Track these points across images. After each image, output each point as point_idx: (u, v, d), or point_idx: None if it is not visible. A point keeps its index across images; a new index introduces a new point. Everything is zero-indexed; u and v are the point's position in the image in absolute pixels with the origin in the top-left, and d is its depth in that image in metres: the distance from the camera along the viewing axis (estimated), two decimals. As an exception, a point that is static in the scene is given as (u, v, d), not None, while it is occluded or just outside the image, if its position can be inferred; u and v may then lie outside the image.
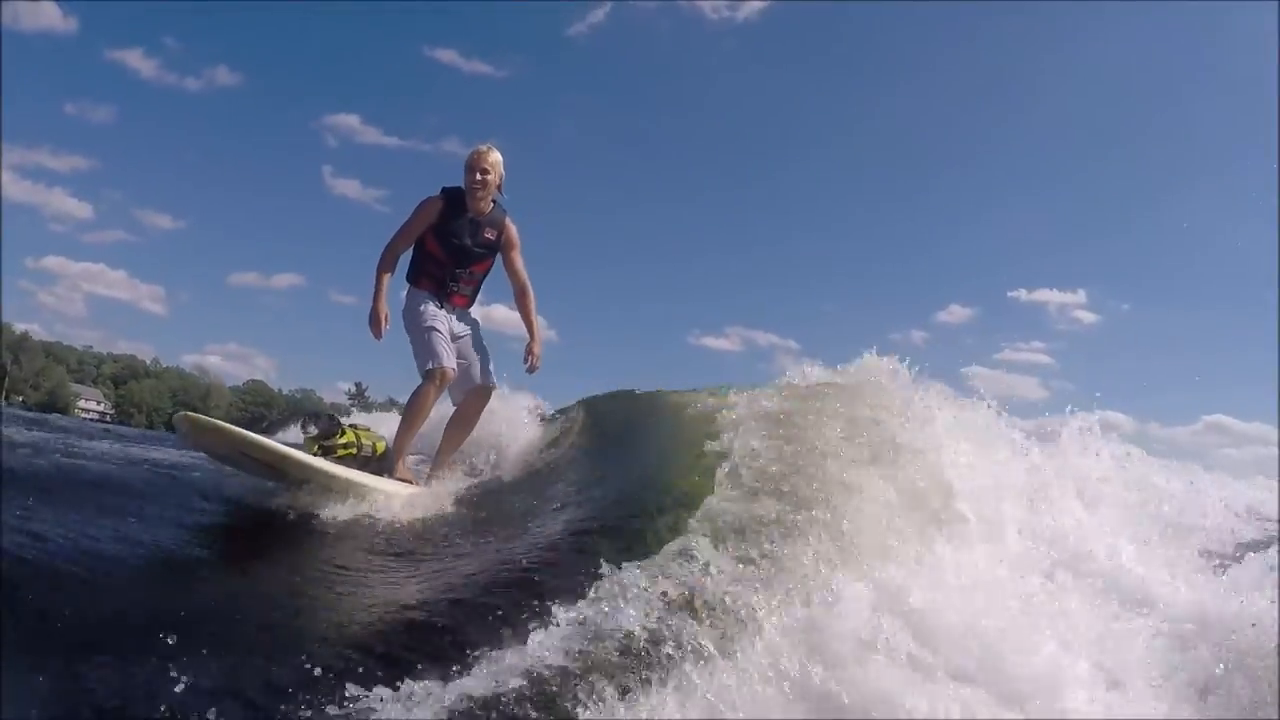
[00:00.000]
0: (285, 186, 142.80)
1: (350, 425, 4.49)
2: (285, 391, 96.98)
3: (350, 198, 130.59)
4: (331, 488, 3.98)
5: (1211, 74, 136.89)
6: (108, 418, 72.09)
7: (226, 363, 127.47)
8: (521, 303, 5.03)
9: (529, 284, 5.01)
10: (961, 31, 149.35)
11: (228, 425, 3.85)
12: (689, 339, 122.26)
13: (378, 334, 4.56)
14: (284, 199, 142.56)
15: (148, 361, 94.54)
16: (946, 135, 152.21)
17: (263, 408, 77.59)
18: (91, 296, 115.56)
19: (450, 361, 4.61)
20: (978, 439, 3.24)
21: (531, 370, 4.99)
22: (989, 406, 3.56)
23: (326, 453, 4.22)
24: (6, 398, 69.27)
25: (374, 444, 4.52)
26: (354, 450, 4.38)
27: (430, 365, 4.54)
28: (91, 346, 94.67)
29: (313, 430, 4.27)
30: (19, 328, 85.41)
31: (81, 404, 78.82)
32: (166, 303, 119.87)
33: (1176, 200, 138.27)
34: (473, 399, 4.93)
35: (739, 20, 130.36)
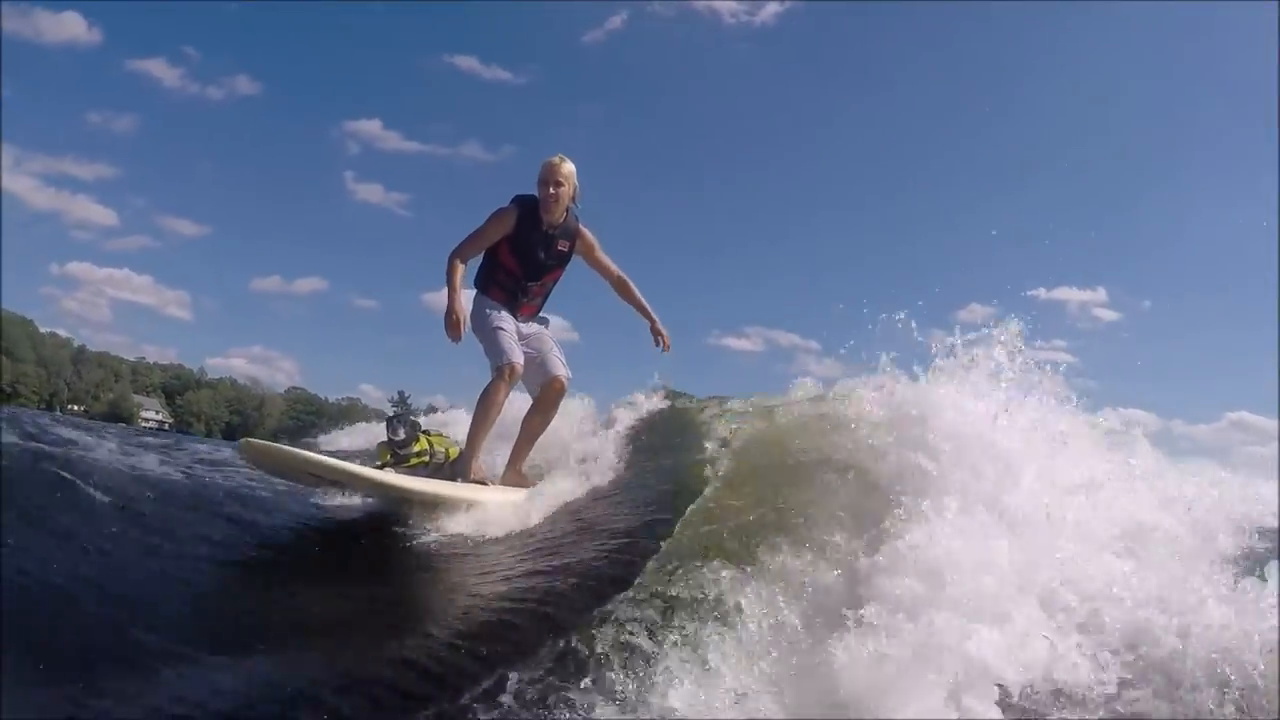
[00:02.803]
0: (307, 192, 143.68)
1: (423, 431, 4.52)
2: (331, 399, 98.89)
3: (372, 203, 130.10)
4: (403, 499, 4.02)
5: (1235, 67, 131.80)
6: (166, 427, 74.34)
7: (251, 366, 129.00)
8: (625, 292, 5.06)
9: (625, 274, 5.03)
10: (980, 29, 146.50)
11: (291, 449, 3.97)
12: (709, 340, 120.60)
13: (457, 336, 4.55)
14: (306, 204, 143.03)
15: (194, 370, 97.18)
16: (965, 134, 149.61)
17: (313, 415, 79.30)
18: (117, 302, 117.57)
19: (518, 357, 4.61)
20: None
21: (665, 349, 5.08)
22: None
23: (399, 461, 4.26)
24: (63, 407, 71.84)
25: (446, 450, 4.51)
26: (426, 459, 4.39)
27: (500, 361, 4.55)
28: (144, 358, 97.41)
29: (402, 434, 4.26)
30: (76, 341, 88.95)
31: (144, 414, 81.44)
32: (191, 308, 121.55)
33: (1197, 196, 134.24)
34: (548, 391, 4.90)
35: (756, 24, 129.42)
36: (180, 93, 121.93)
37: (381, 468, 4.16)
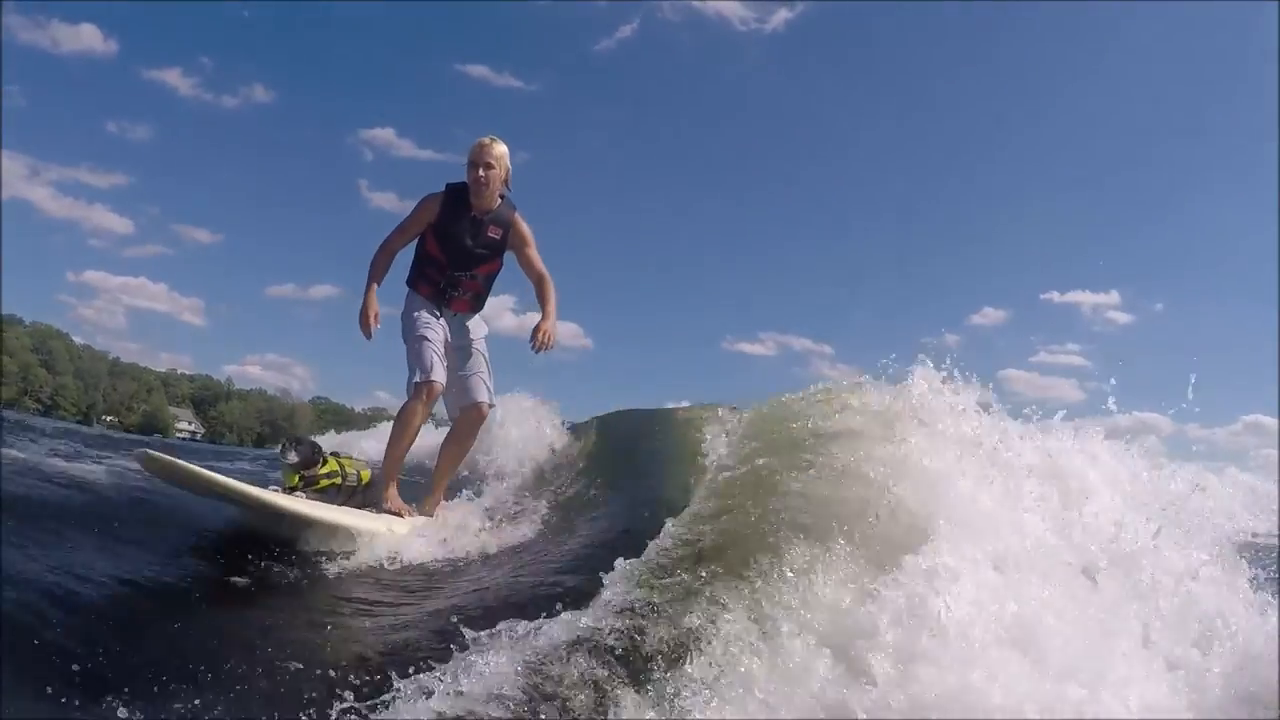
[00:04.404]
0: (322, 200, 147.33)
1: (333, 453, 4.18)
2: (358, 409, 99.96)
3: (387, 210, 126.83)
4: (311, 526, 3.65)
5: (1245, 67, 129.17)
6: (198, 437, 75.55)
7: (265, 373, 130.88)
8: (540, 291, 4.48)
9: (548, 276, 4.49)
10: (990, 33, 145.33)
11: (190, 466, 3.57)
12: (723, 345, 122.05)
13: (367, 333, 4.24)
14: (320, 212, 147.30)
15: (222, 382, 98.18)
16: (977, 137, 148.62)
17: (342, 425, 79.97)
18: (132, 309, 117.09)
19: (439, 375, 4.21)
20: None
21: (538, 349, 4.32)
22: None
23: (308, 484, 3.90)
24: (99, 419, 73.29)
25: (359, 472, 4.15)
26: (338, 480, 4.02)
27: (417, 378, 4.16)
28: (175, 369, 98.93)
29: (293, 457, 3.91)
30: (110, 353, 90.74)
31: (180, 425, 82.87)
32: (206, 314, 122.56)
33: (1209, 198, 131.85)
34: (467, 418, 4.49)
35: (767, 31, 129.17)
36: (195, 102, 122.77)
37: (290, 491, 3.83)
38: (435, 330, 4.31)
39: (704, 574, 2.55)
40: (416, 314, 4.34)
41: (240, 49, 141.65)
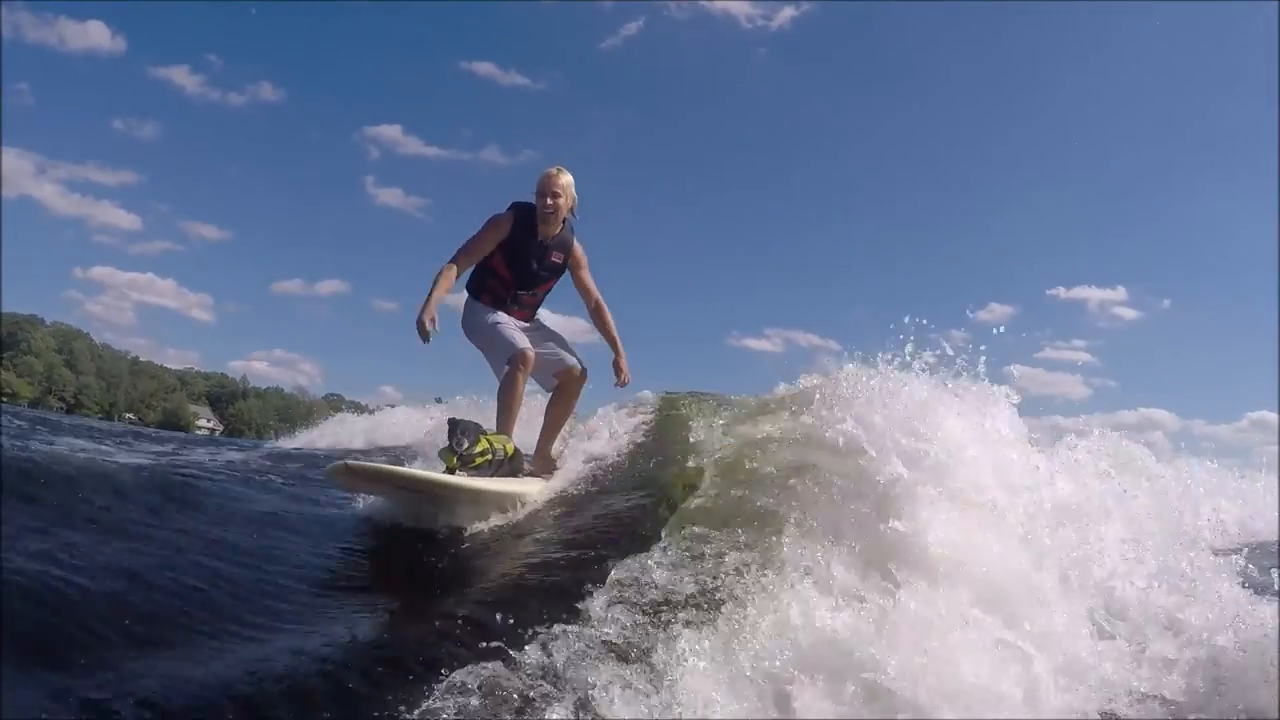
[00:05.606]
0: (328, 196, 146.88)
1: (481, 431, 4.38)
2: (373, 407, 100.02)
3: (393, 206, 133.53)
4: (479, 500, 4.04)
5: (1254, 64, 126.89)
6: (217, 434, 76.27)
7: (272, 368, 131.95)
8: (599, 319, 4.98)
9: (603, 300, 4.98)
10: (996, 28, 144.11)
11: (392, 468, 3.97)
12: (729, 341, 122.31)
13: (425, 337, 4.40)
14: (327, 208, 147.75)
15: (237, 380, 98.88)
16: (983, 133, 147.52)
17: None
18: (140, 305, 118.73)
19: (527, 344, 4.54)
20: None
21: (622, 384, 4.98)
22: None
23: (464, 463, 4.16)
24: (120, 417, 74.14)
25: (504, 446, 4.42)
26: (489, 457, 4.28)
27: (511, 352, 4.49)
28: (191, 368, 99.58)
29: (466, 444, 4.14)
30: (127, 351, 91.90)
31: (200, 422, 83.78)
32: (213, 310, 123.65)
33: (1216, 194, 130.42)
34: (567, 381, 4.88)
35: (773, 28, 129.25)
36: (203, 99, 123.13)
37: (451, 472, 4.09)
38: (504, 317, 4.70)
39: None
40: (484, 310, 4.71)
41: (247, 47, 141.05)
